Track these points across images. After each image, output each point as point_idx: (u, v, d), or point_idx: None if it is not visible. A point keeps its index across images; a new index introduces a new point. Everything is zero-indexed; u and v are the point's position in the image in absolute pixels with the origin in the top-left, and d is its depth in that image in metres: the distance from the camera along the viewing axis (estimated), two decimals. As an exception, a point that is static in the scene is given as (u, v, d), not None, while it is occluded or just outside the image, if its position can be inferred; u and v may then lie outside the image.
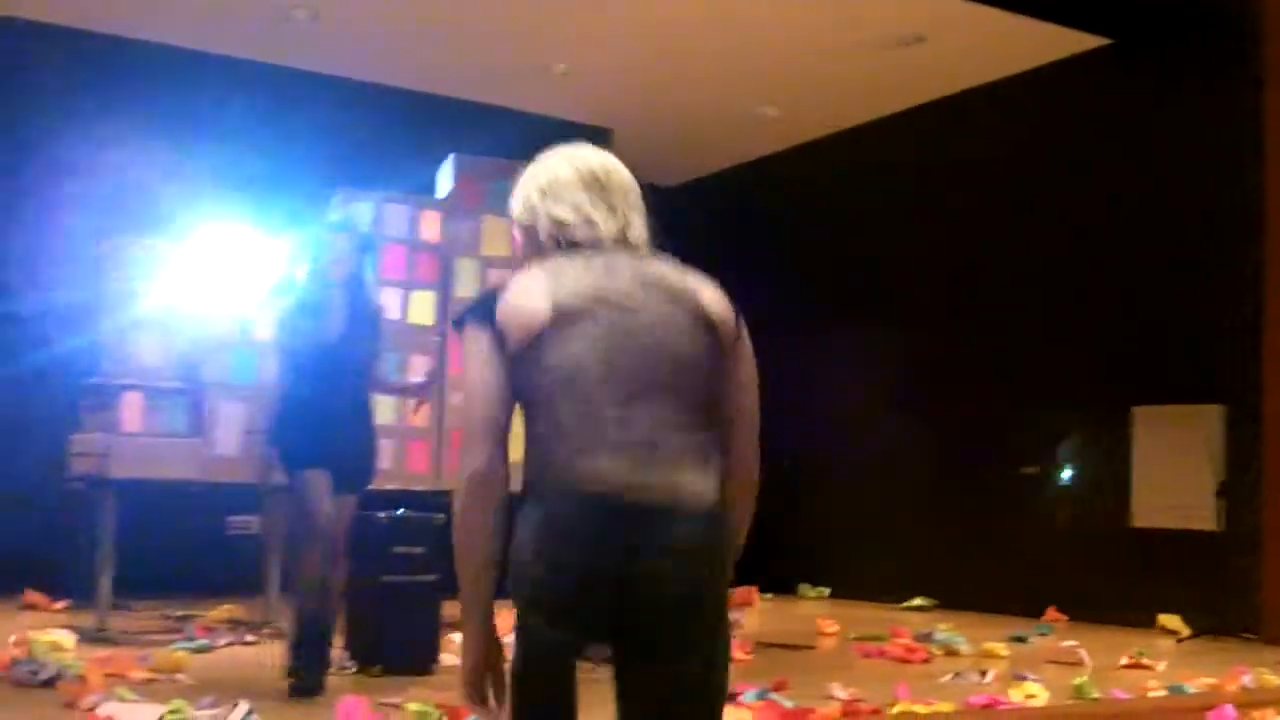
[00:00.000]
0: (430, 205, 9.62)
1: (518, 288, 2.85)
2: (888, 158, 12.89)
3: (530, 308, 2.79)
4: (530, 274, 2.88)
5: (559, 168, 3.03)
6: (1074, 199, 11.23)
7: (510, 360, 2.80)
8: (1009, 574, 11.17)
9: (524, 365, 2.81)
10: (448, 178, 9.76)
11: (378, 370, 6.73)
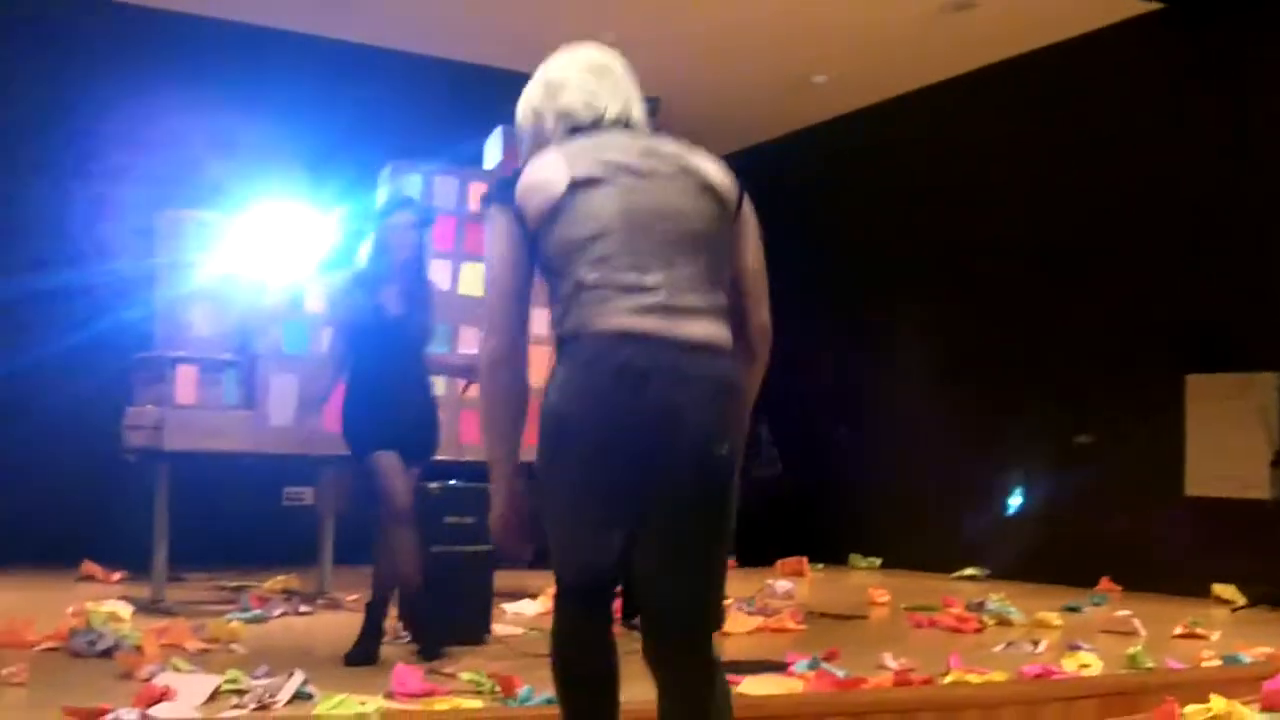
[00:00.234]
0: (479, 177, 9.61)
1: (534, 167, 3.07)
2: (938, 125, 12.81)
3: (547, 183, 3.00)
4: (545, 155, 3.11)
5: (561, 66, 3.31)
6: (1126, 166, 11.12)
7: (531, 237, 3.01)
8: (1062, 543, 11.12)
9: (544, 236, 3.01)
10: (496, 149, 9.75)
11: (431, 347, 6.74)
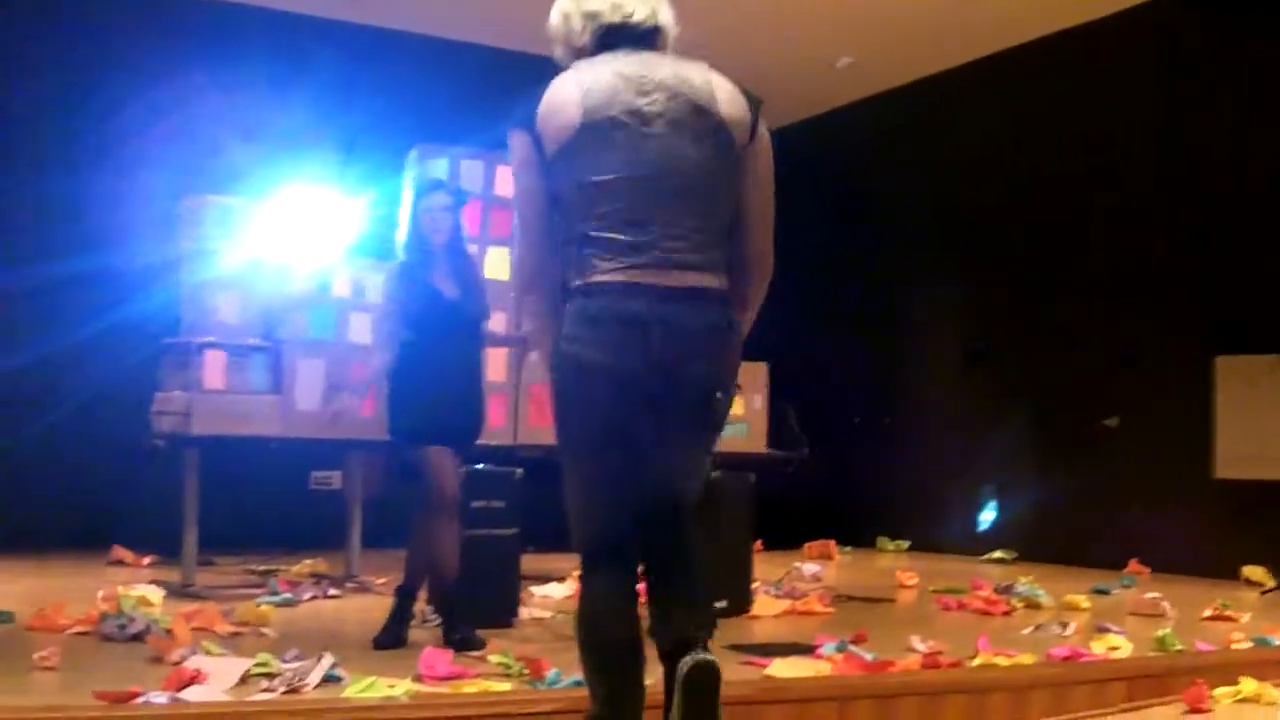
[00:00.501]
0: (505, 161, 9.59)
1: (552, 91, 3.27)
2: (963, 107, 12.78)
3: (562, 119, 3.22)
4: (564, 82, 3.30)
5: None
6: (1155, 147, 11.08)
7: (548, 163, 3.25)
8: (1090, 526, 11.09)
9: (557, 173, 3.26)
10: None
11: (486, 329, 6.65)
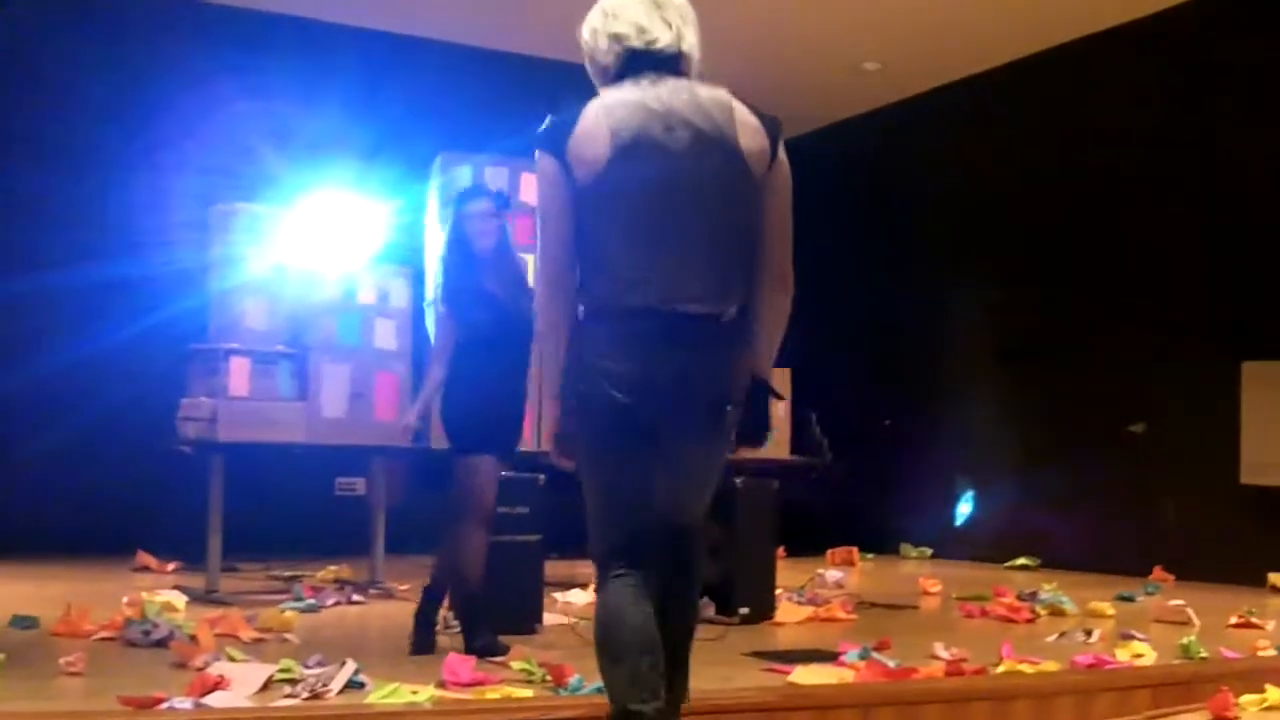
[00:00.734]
0: (529, 168, 9.60)
1: (583, 128, 3.51)
2: (990, 111, 12.74)
3: (592, 152, 3.45)
4: (594, 114, 3.52)
5: None
6: (1185, 150, 11.02)
7: (577, 190, 3.46)
8: (1115, 533, 11.05)
9: (584, 200, 3.46)
10: (547, 140, 9.78)
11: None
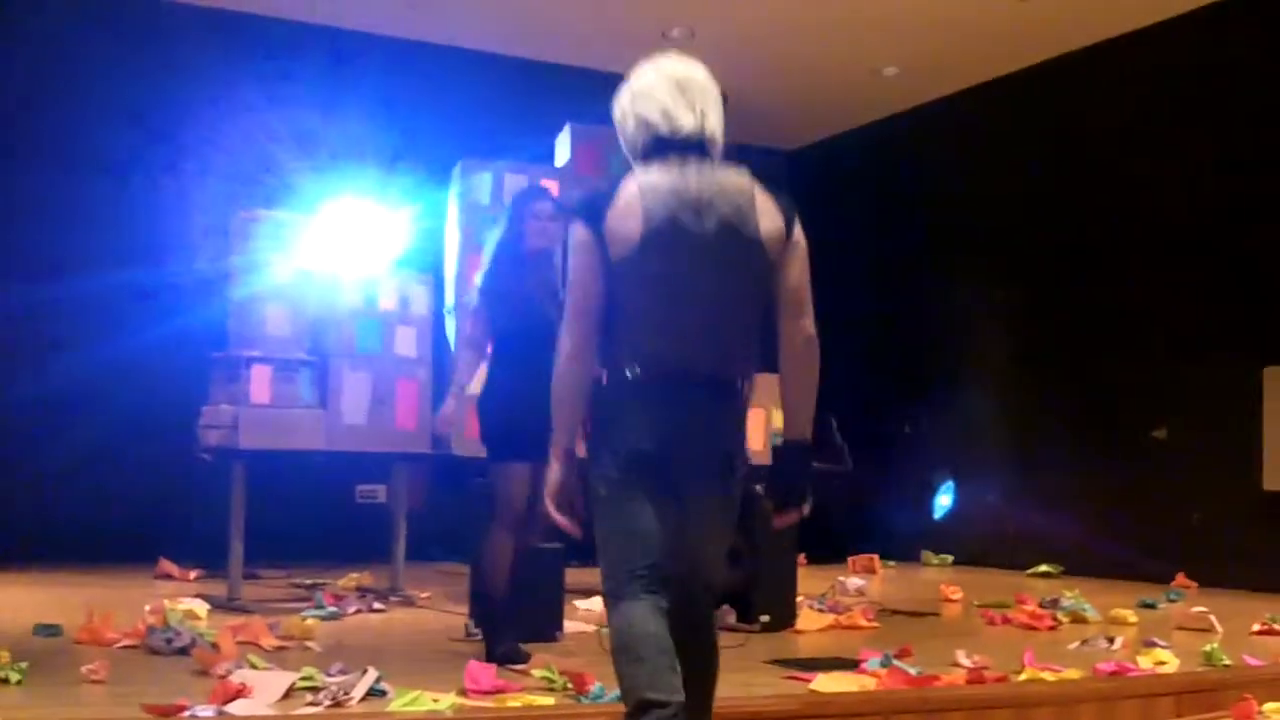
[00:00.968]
0: (549, 174, 9.65)
1: (618, 207, 3.64)
2: (1010, 116, 12.73)
3: (626, 230, 3.60)
4: (628, 194, 3.66)
5: (648, 75, 3.89)
6: (1204, 155, 10.99)
7: (609, 263, 3.62)
8: (1137, 539, 11.01)
9: (619, 274, 3.62)
10: (566, 146, 9.79)
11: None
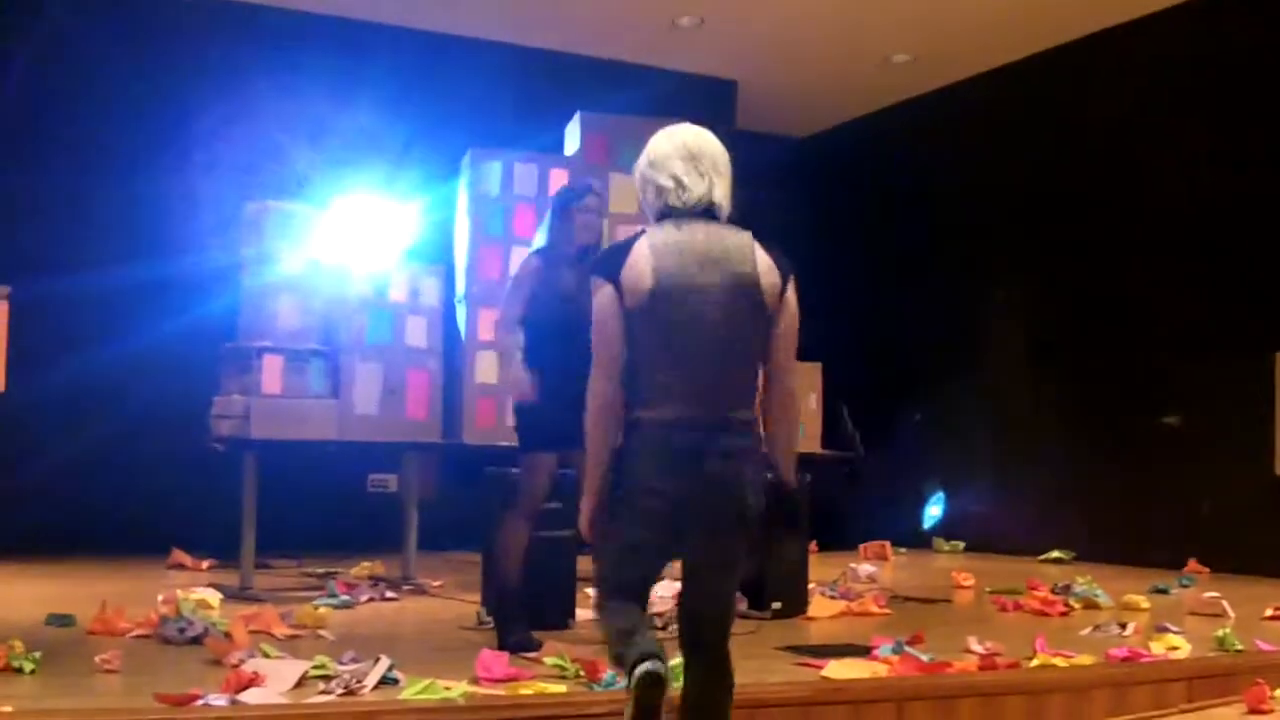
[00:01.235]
0: (558, 164, 9.65)
1: (633, 262, 3.96)
2: (1021, 103, 12.71)
3: (639, 284, 3.92)
4: (641, 251, 3.98)
5: (663, 144, 4.12)
6: (1213, 141, 10.96)
7: (626, 313, 3.93)
8: (1149, 525, 11.00)
9: (634, 322, 3.94)
10: (575, 136, 9.79)
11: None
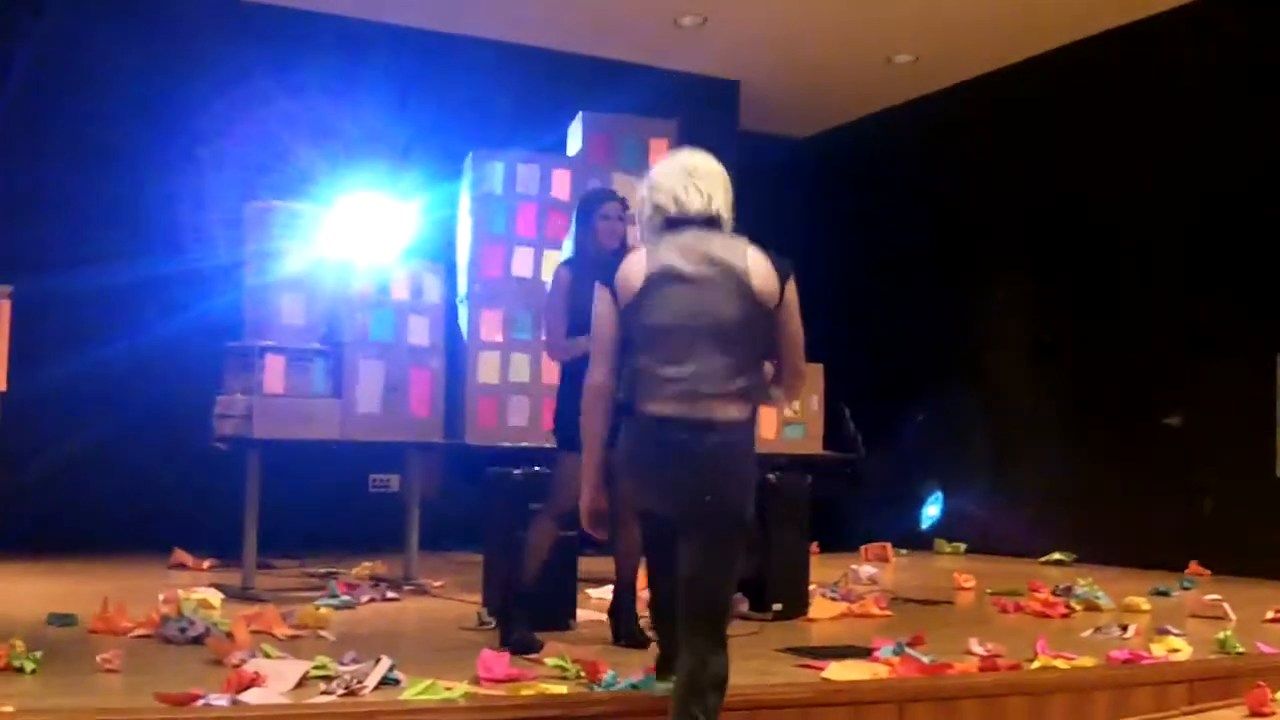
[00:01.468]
0: (561, 163, 9.65)
1: (627, 266, 4.25)
2: (1024, 103, 12.70)
3: (631, 281, 4.20)
4: (637, 255, 4.27)
5: (664, 167, 4.38)
6: (1212, 142, 10.96)
7: (621, 312, 4.21)
8: (1150, 527, 11.00)
9: (626, 319, 4.21)
10: (578, 135, 9.79)
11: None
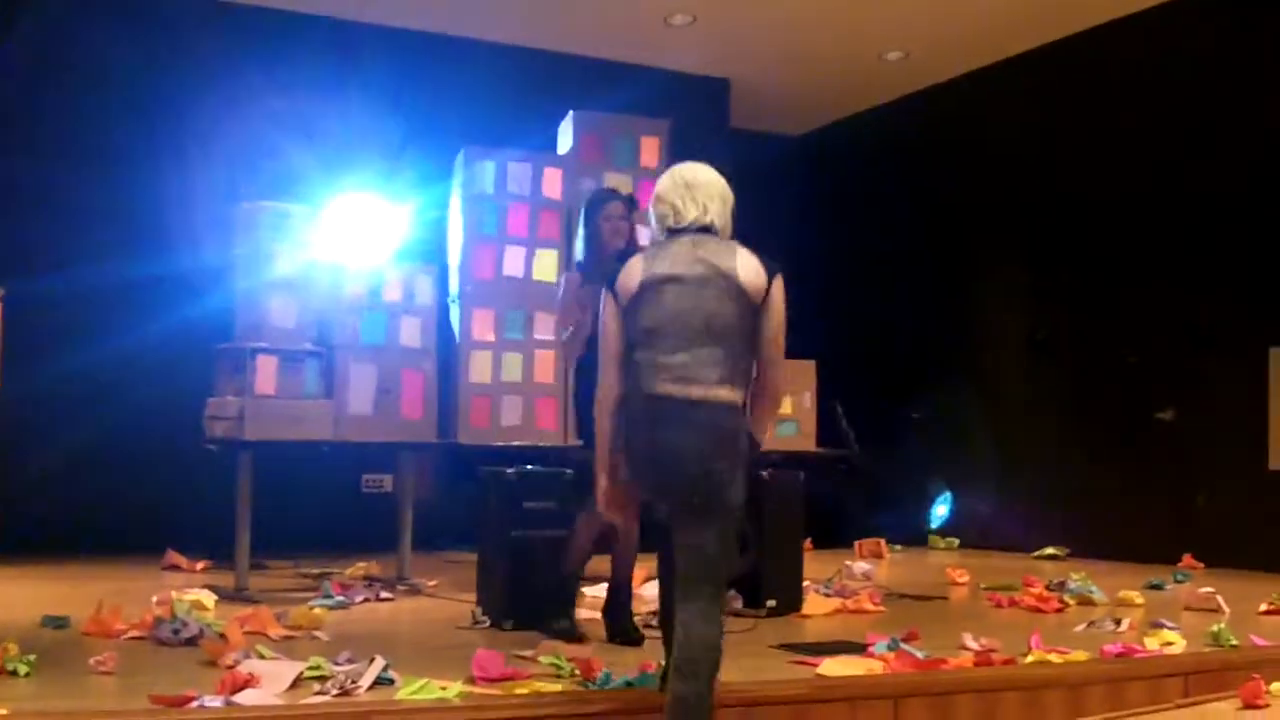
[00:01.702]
0: (552, 163, 9.66)
1: (627, 270, 4.58)
2: (1015, 99, 12.70)
3: (630, 284, 4.53)
4: (636, 260, 4.59)
5: (664, 182, 4.67)
6: (1206, 135, 10.97)
7: (622, 312, 4.55)
8: (1144, 521, 11.01)
9: (627, 319, 4.54)
10: (569, 135, 9.79)
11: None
